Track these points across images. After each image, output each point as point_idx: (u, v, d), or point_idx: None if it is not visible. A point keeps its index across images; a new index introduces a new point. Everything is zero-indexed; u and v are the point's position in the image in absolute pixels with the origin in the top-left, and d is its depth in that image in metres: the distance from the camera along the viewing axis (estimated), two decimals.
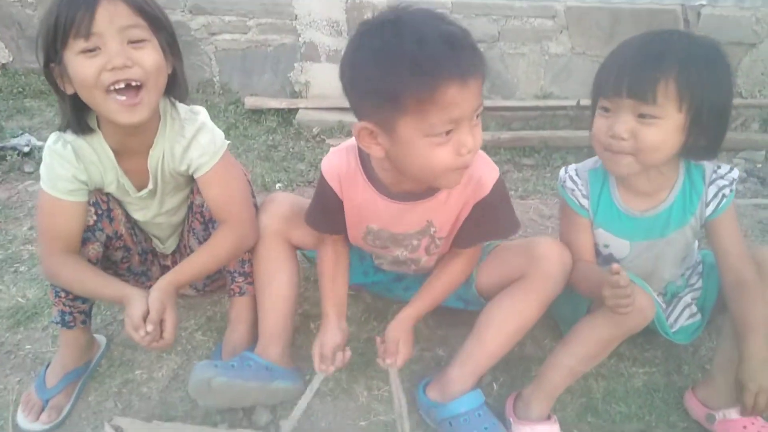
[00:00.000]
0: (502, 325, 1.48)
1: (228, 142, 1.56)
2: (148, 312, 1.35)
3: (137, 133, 1.46)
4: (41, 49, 1.32)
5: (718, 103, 1.33)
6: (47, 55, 1.31)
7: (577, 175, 1.55)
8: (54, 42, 1.27)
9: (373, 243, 1.57)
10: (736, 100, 3.21)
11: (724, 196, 1.44)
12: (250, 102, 3.54)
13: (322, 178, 1.49)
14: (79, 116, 1.41)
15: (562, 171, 1.58)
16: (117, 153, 1.48)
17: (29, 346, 1.75)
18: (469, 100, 1.16)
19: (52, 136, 1.45)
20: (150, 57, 1.33)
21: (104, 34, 1.27)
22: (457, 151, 1.20)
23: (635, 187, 1.49)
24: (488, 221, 1.46)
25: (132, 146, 1.48)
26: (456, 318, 1.74)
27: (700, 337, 1.70)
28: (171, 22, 1.42)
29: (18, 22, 3.92)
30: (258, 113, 3.52)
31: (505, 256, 1.60)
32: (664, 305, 1.63)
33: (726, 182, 1.45)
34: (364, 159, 1.45)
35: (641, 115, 1.32)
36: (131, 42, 1.30)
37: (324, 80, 3.58)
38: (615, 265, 1.21)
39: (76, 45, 1.26)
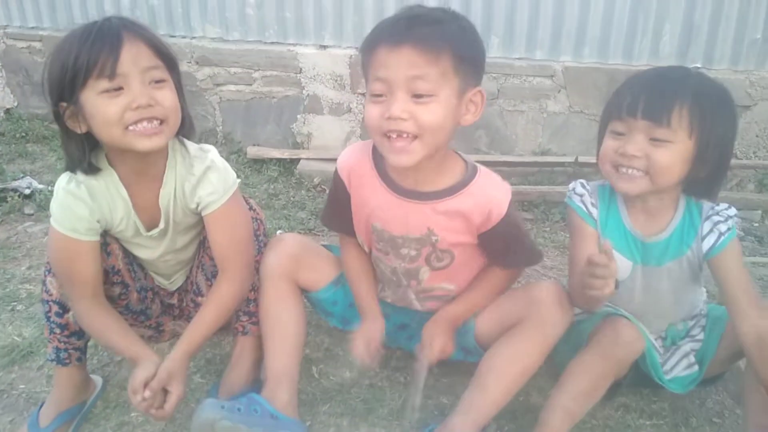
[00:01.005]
0: (502, 372, 1.46)
1: (239, 180, 1.57)
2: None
3: (148, 171, 1.47)
4: (53, 89, 1.32)
5: (724, 139, 1.40)
6: (60, 94, 1.31)
7: (585, 187, 1.60)
8: (72, 82, 1.28)
9: (378, 245, 1.59)
10: (733, 161, 3.25)
11: (719, 231, 1.47)
12: (253, 152, 3.57)
13: (335, 173, 1.59)
14: (87, 155, 1.41)
15: (571, 183, 1.63)
16: (129, 190, 1.48)
17: (23, 386, 1.71)
18: (399, 65, 1.29)
19: (64, 177, 1.44)
20: (169, 96, 1.37)
21: (128, 75, 1.30)
22: (381, 114, 1.33)
23: (638, 211, 1.53)
24: (506, 250, 1.52)
25: (142, 184, 1.49)
26: (461, 367, 1.71)
27: (706, 390, 1.69)
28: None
29: (25, 67, 3.99)
30: (260, 163, 3.55)
31: (503, 302, 1.60)
32: (662, 350, 1.62)
33: (721, 218, 1.48)
34: (376, 153, 1.52)
35: (653, 139, 1.38)
36: (152, 82, 1.33)
37: (326, 132, 3.64)
38: (606, 241, 1.26)
39: (99, 85, 1.28)
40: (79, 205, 1.42)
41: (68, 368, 1.55)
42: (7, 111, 4.09)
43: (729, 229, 1.46)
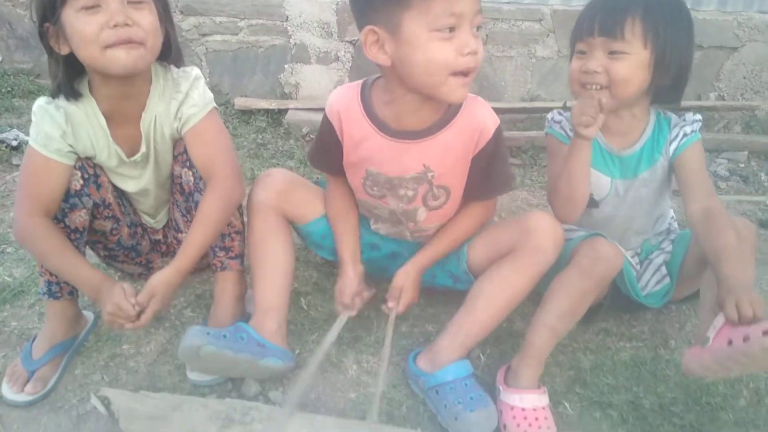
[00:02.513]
0: (492, 297, 1.49)
1: (216, 105, 1.58)
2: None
3: (131, 97, 1.47)
4: (38, 9, 1.33)
5: (679, 45, 1.50)
6: (44, 14, 1.32)
7: (561, 114, 1.70)
8: (53, 0, 1.29)
9: (372, 190, 1.59)
10: (719, 103, 3.28)
11: (684, 133, 1.59)
12: (240, 102, 3.55)
13: (324, 115, 1.56)
14: (70, 80, 1.43)
15: (549, 114, 1.73)
16: (109, 120, 1.48)
17: (15, 323, 1.74)
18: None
19: (44, 98, 1.45)
20: (147, 18, 1.36)
21: None
22: (460, 50, 1.26)
23: (610, 128, 1.59)
24: (490, 172, 1.52)
25: (125, 111, 1.49)
26: (447, 297, 1.75)
27: (685, 313, 1.73)
28: None
29: (9, 21, 3.92)
30: (248, 114, 3.53)
31: (496, 231, 1.62)
32: (638, 267, 1.68)
33: (687, 122, 1.60)
34: (366, 96, 1.50)
35: (611, 52, 1.49)
36: (131, 2, 1.33)
37: (314, 81, 3.62)
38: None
39: (77, 2, 1.28)
40: (52, 125, 1.42)
41: (60, 302, 1.56)
42: None
43: (693, 131, 1.59)
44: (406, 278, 1.58)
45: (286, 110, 3.48)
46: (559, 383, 1.54)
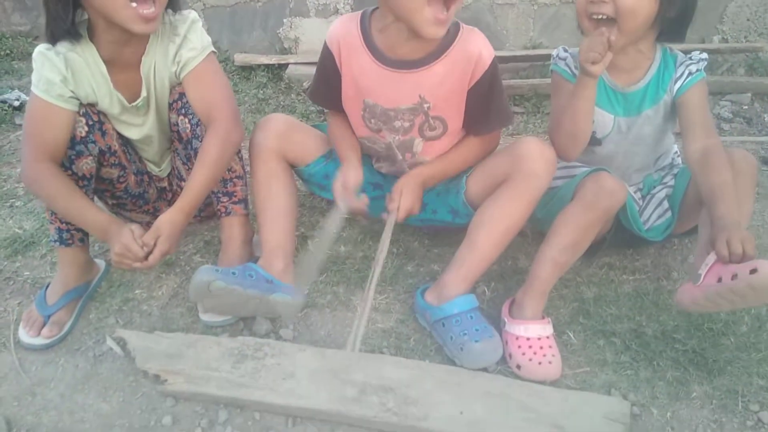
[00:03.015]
0: (491, 227, 1.50)
1: (214, 49, 1.58)
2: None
3: (132, 43, 1.48)
4: None
5: None
6: None
7: (566, 51, 1.66)
8: None
9: (369, 122, 1.61)
10: (723, 46, 3.24)
11: (689, 71, 1.57)
12: (240, 59, 3.53)
13: (324, 45, 1.57)
14: (72, 17, 1.42)
15: (554, 51, 1.68)
16: (109, 65, 1.49)
17: (28, 273, 1.77)
18: None
19: (42, 45, 1.45)
20: None
21: None
22: None
23: (616, 64, 1.55)
24: (489, 105, 1.52)
25: (125, 56, 1.50)
26: (451, 238, 1.78)
27: (688, 246, 1.75)
28: None
29: None
30: (248, 70, 3.51)
31: (490, 161, 1.63)
32: (641, 202, 1.70)
33: (693, 61, 1.58)
34: (365, 26, 1.52)
35: None
36: None
37: (313, 35, 3.58)
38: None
39: None
40: (52, 70, 1.43)
41: (71, 248, 1.59)
42: None
43: (698, 70, 1.57)
44: (405, 183, 1.57)
45: (286, 65, 3.46)
46: (563, 314, 1.58)
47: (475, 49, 1.48)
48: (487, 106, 1.55)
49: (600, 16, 1.46)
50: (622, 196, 1.43)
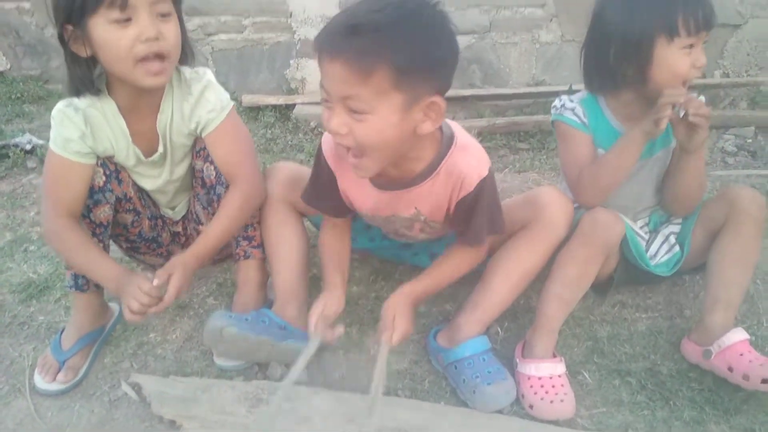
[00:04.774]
0: (507, 273, 1.52)
1: (233, 102, 1.61)
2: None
3: (145, 97, 1.51)
4: (59, 11, 1.35)
5: None
6: (67, 15, 1.34)
7: (570, 99, 1.65)
8: (82, 7, 1.31)
9: (371, 221, 1.62)
10: (725, 80, 3.29)
11: None
12: (248, 99, 3.58)
13: (319, 151, 1.50)
14: (90, 77, 1.45)
15: (555, 101, 1.68)
16: (127, 119, 1.52)
17: (42, 317, 1.79)
18: (333, 80, 1.18)
19: (62, 102, 1.49)
20: (174, 30, 1.40)
21: (138, 7, 1.33)
22: (328, 119, 1.23)
23: (633, 115, 1.57)
24: (470, 221, 1.44)
25: (141, 112, 1.53)
26: (463, 277, 1.77)
27: (699, 283, 1.75)
28: None
29: (15, 29, 3.97)
30: (255, 110, 3.56)
31: (509, 209, 1.63)
32: (647, 236, 1.71)
33: None
34: None
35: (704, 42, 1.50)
36: (158, 15, 1.37)
37: (319, 75, 3.64)
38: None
39: (110, 14, 1.32)
40: (70, 127, 1.46)
41: (87, 294, 1.60)
42: (0, 74, 4.08)
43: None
44: (398, 307, 1.43)
45: (293, 105, 3.51)
46: (578, 353, 1.58)
47: (463, 169, 1.39)
48: (469, 221, 1.46)
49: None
50: (619, 229, 1.46)
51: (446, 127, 1.41)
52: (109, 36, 1.33)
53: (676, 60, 1.46)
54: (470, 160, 1.40)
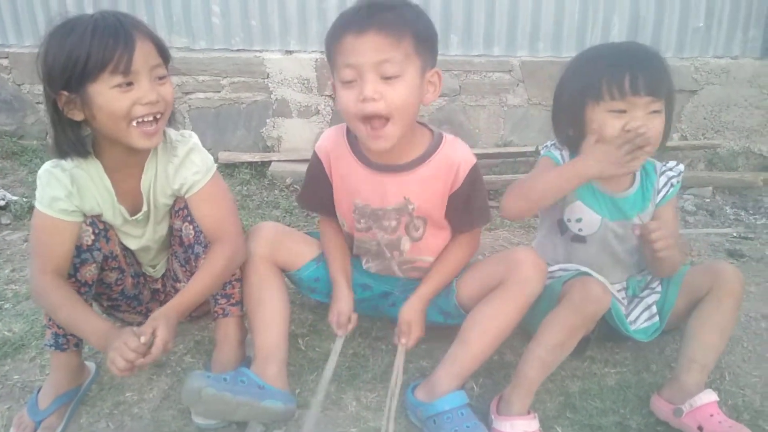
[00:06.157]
0: (484, 328, 1.57)
1: (216, 165, 1.66)
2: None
3: (131, 158, 1.56)
4: (54, 78, 1.39)
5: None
6: (64, 83, 1.39)
7: (558, 148, 1.74)
8: (82, 74, 1.37)
9: (359, 223, 1.71)
10: (683, 143, 3.46)
11: (671, 184, 1.70)
12: (224, 156, 3.64)
13: (314, 154, 1.71)
14: (80, 141, 1.50)
15: (546, 143, 1.79)
16: (113, 179, 1.56)
17: (17, 376, 1.77)
18: (366, 50, 1.42)
19: (49, 163, 1.53)
20: (169, 92, 1.49)
21: (139, 72, 1.41)
22: (356, 97, 1.45)
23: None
24: (469, 208, 1.65)
25: (126, 172, 1.58)
26: (439, 333, 1.82)
27: (664, 339, 1.83)
28: None
29: None
30: (232, 167, 3.62)
31: (484, 267, 1.72)
32: (625, 302, 1.77)
33: (674, 174, 1.71)
34: (350, 135, 1.66)
35: (653, 111, 1.55)
36: (156, 78, 1.45)
37: (296, 134, 3.73)
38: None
39: (113, 80, 1.38)
40: (56, 186, 1.49)
41: (66, 353, 1.60)
42: None
43: (678, 182, 1.70)
44: (413, 313, 1.68)
45: (269, 162, 3.58)
46: (550, 408, 1.62)
47: (457, 158, 1.62)
48: (468, 208, 1.68)
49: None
50: (606, 302, 1.51)
51: (434, 128, 1.68)
52: (110, 100, 1.40)
53: (603, 122, 1.57)
54: (461, 150, 1.65)
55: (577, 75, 1.64)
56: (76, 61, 1.36)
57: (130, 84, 1.40)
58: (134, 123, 1.43)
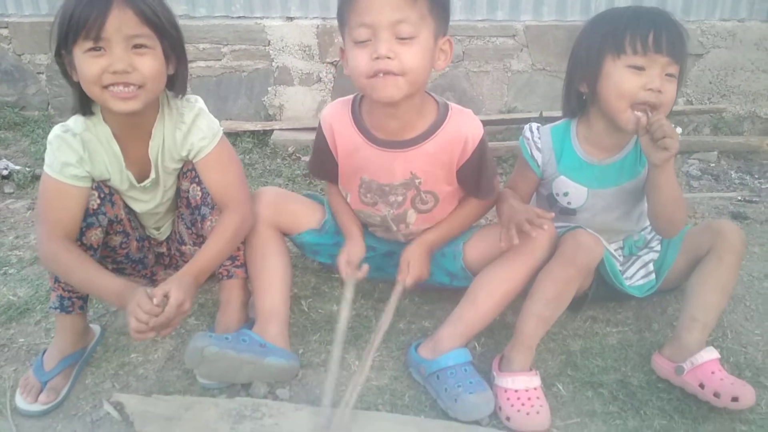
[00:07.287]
0: (493, 289, 1.58)
1: (222, 128, 1.65)
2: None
3: (136, 124, 1.55)
4: (55, 37, 1.42)
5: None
6: (60, 45, 1.41)
7: (537, 129, 1.74)
8: (66, 37, 1.39)
9: (365, 197, 1.69)
10: (688, 107, 3.43)
11: None
12: (226, 125, 3.62)
13: (319, 126, 1.69)
14: (84, 101, 1.50)
15: (525, 127, 1.76)
16: (120, 144, 1.56)
17: (23, 339, 1.78)
18: (382, 9, 1.39)
19: (59, 127, 1.53)
20: (149, 64, 1.42)
21: (110, 40, 1.38)
22: (370, 55, 1.41)
23: (600, 142, 1.65)
24: (478, 180, 1.66)
25: (133, 138, 1.57)
26: (441, 295, 1.84)
27: (666, 298, 1.83)
28: (178, 26, 1.51)
29: None
30: (233, 136, 3.60)
31: (492, 230, 1.71)
32: (621, 258, 1.78)
33: None
34: (355, 109, 1.63)
35: (668, 74, 1.53)
36: (135, 47, 1.41)
37: (297, 102, 3.71)
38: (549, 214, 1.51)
39: (85, 44, 1.38)
40: (67, 151, 1.49)
41: (71, 316, 1.61)
42: None
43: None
44: (413, 253, 1.69)
45: (271, 131, 3.57)
46: (552, 367, 1.63)
47: (463, 131, 1.60)
48: (478, 180, 1.66)
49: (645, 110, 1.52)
50: (598, 252, 1.52)
51: (439, 99, 1.64)
52: (82, 63, 1.40)
53: (621, 77, 1.54)
54: (469, 122, 1.62)
55: (600, 28, 1.60)
56: (63, 22, 1.38)
57: (99, 49, 1.38)
58: (107, 88, 1.41)
